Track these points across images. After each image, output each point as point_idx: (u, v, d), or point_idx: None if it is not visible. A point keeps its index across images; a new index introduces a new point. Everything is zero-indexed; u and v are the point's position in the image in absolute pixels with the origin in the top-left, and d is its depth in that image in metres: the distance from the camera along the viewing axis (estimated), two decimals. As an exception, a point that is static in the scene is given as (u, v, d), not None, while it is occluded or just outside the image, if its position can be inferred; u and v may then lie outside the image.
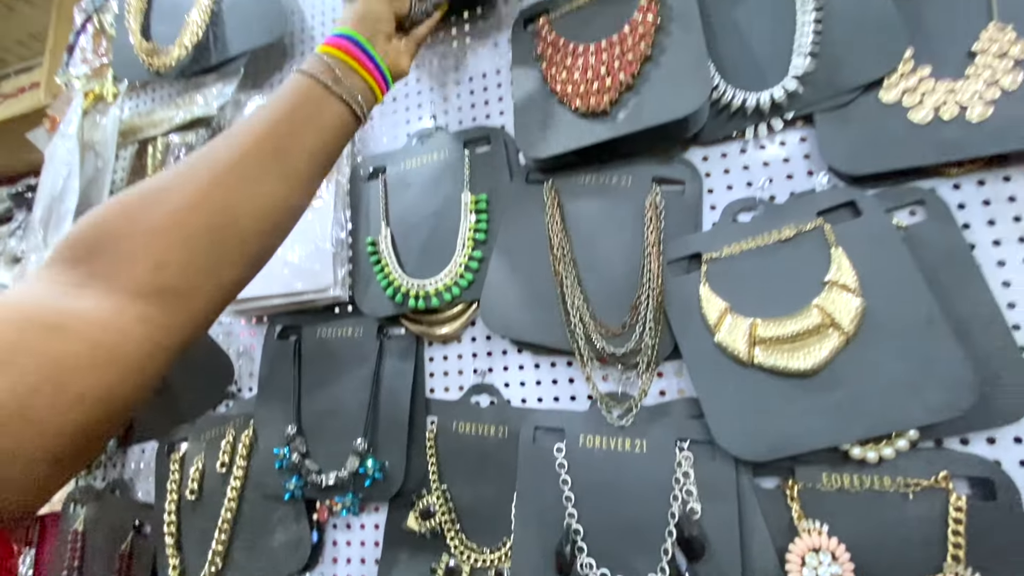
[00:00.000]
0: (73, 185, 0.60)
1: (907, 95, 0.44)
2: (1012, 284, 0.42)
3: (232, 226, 0.32)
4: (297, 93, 0.38)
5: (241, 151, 0.33)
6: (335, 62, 0.40)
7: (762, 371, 0.44)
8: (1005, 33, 0.43)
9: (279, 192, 0.34)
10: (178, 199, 0.30)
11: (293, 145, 0.36)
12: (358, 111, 0.40)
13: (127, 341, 0.27)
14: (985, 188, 0.44)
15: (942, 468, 0.40)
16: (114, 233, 0.29)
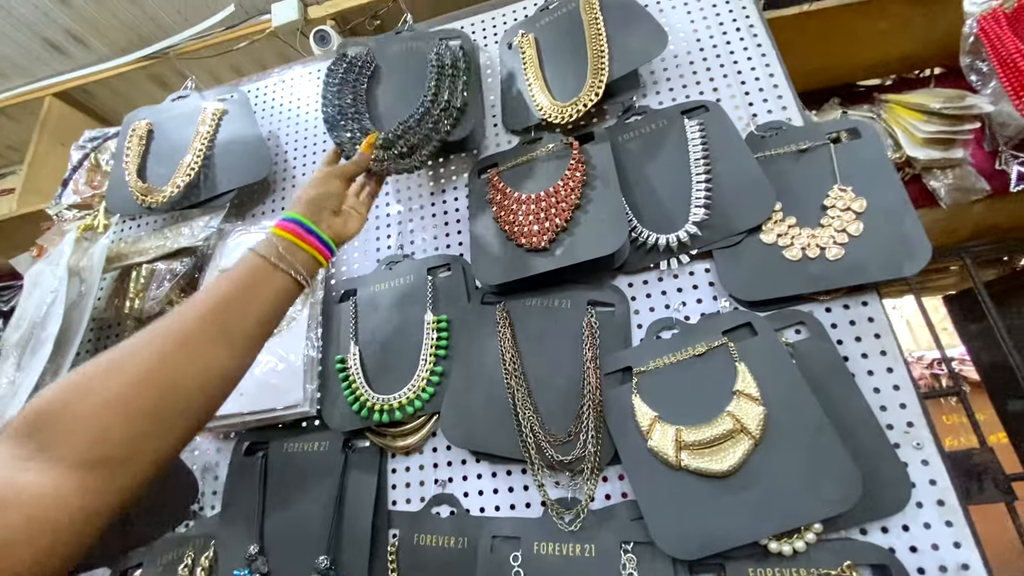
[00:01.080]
0: (57, 311, 0.64)
1: (780, 238, 0.56)
2: (881, 390, 0.51)
3: (177, 397, 0.35)
4: (245, 269, 0.44)
5: (191, 325, 0.37)
6: (281, 241, 0.47)
7: (689, 473, 0.50)
8: (847, 192, 0.56)
9: (224, 359, 0.38)
10: (127, 375, 0.33)
11: (239, 315, 0.40)
12: (300, 279, 0.46)
13: (63, 513, 0.29)
14: (849, 311, 0.54)
15: (847, 558, 0.45)
16: (63, 408, 0.31)
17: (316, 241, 0.50)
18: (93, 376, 0.33)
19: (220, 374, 0.38)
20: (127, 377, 0.33)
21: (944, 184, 1.25)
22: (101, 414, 0.31)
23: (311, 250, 0.49)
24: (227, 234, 0.76)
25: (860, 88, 1.41)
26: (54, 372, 0.64)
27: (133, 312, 0.73)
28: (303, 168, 0.82)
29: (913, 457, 0.48)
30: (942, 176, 1.25)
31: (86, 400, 0.32)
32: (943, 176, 1.25)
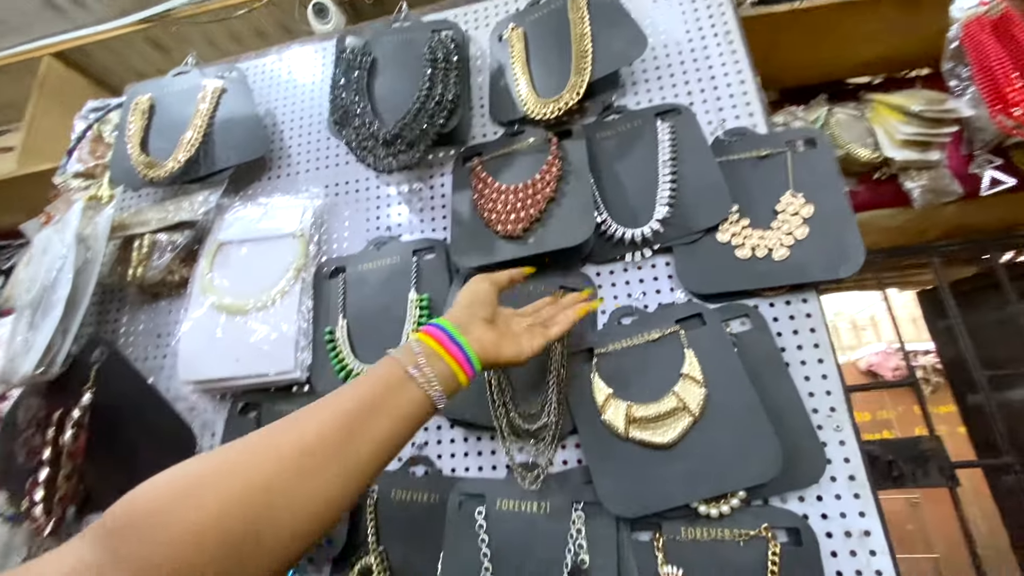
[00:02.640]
0: (67, 277, 0.69)
1: (734, 237, 0.61)
2: (811, 378, 0.57)
3: (268, 532, 0.29)
4: (376, 378, 0.39)
5: (304, 445, 0.32)
6: (421, 347, 0.41)
7: (635, 444, 0.56)
8: (797, 198, 0.61)
9: (332, 491, 0.32)
10: (219, 496, 0.28)
11: (363, 435, 0.35)
12: (434, 396, 0.40)
13: None
14: (790, 307, 0.60)
15: (765, 521, 0.52)
16: (153, 515, 0.27)
17: (458, 351, 0.43)
18: (195, 484, 0.29)
19: (327, 507, 0.32)
20: (227, 496, 0.28)
21: (919, 185, 1.29)
22: (189, 536, 0.27)
23: (452, 363, 0.42)
24: (225, 209, 0.80)
25: (849, 85, 1.45)
26: (63, 331, 0.69)
27: (135, 279, 0.78)
28: (299, 147, 0.86)
29: (832, 438, 0.55)
30: (917, 177, 1.30)
31: (176, 515, 0.27)
32: (918, 177, 1.30)
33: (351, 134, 0.75)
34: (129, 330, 0.83)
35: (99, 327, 0.84)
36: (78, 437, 0.67)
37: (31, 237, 0.79)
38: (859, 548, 0.51)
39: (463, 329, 0.45)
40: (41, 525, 0.65)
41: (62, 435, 0.67)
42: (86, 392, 0.69)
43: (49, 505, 0.65)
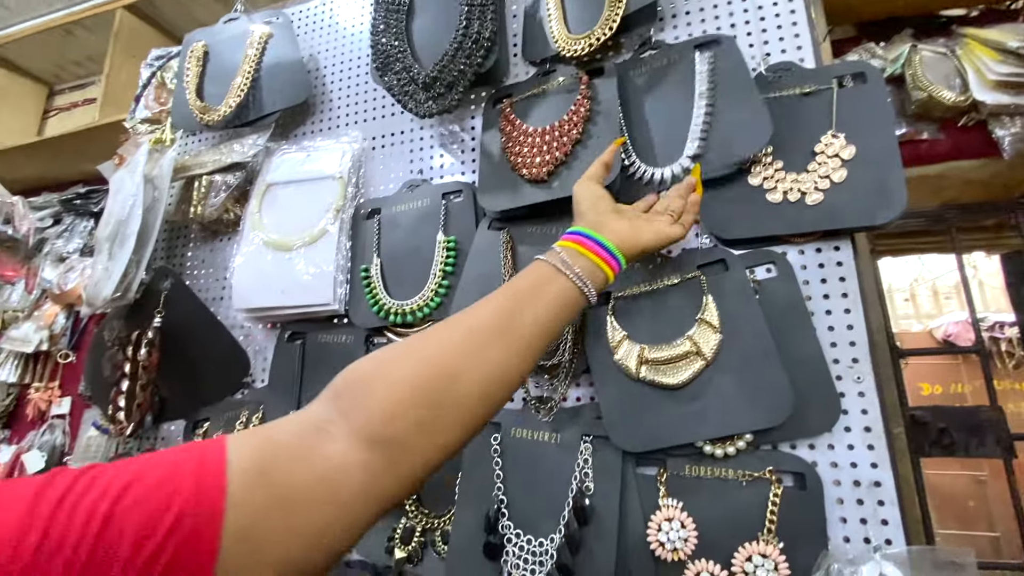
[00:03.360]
0: (137, 213, 0.77)
1: (766, 181, 0.59)
2: (835, 328, 0.55)
3: (455, 389, 0.35)
4: (528, 274, 0.44)
5: (476, 321, 0.39)
6: (564, 249, 0.46)
7: (645, 384, 0.57)
8: (838, 139, 0.57)
9: (502, 361, 0.38)
10: (417, 359, 0.35)
11: (518, 315, 0.40)
12: (583, 288, 0.44)
13: (349, 486, 0.30)
14: (820, 254, 0.58)
15: (769, 465, 0.53)
16: (364, 381, 0.34)
17: (598, 247, 0.47)
18: (393, 356, 0.36)
19: (496, 372, 0.37)
20: (418, 363, 0.35)
21: (1010, 133, 1.16)
22: (391, 394, 0.33)
23: (592, 256, 0.46)
24: (272, 152, 0.85)
25: (939, 18, 1.28)
26: (136, 262, 0.78)
27: (197, 217, 0.85)
28: (341, 91, 0.88)
29: (851, 389, 0.54)
30: (1009, 124, 1.16)
31: (382, 378, 0.34)
32: (1011, 124, 1.16)
33: (392, 80, 0.76)
34: (194, 263, 0.92)
35: (169, 260, 0.93)
36: (151, 354, 0.77)
37: (108, 177, 0.88)
38: (867, 497, 0.51)
39: (597, 228, 0.48)
40: (124, 428, 0.75)
41: (139, 352, 0.77)
42: (157, 316, 0.78)
43: (129, 412, 0.76)
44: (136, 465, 0.26)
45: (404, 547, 0.63)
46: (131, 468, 0.26)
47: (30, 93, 2.01)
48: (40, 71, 1.97)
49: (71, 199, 1.63)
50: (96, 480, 0.25)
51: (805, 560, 0.49)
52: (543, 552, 0.56)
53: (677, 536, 0.52)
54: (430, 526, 0.64)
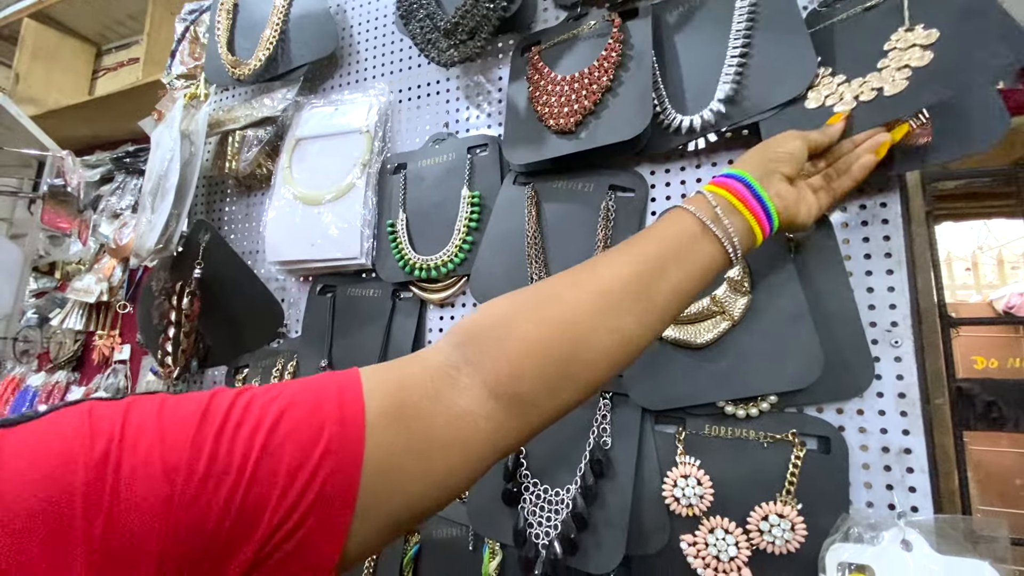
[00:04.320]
0: (175, 167, 0.79)
1: (828, 98, 0.53)
2: (875, 290, 0.53)
3: (582, 354, 0.33)
4: (674, 229, 0.38)
5: (611, 284, 0.35)
6: (718, 199, 0.39)
7: (668, 343, 0.56)
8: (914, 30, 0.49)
9: (634, 326, 0.35)
10: (549, 319, 0.33)
11: (659, 284, 0.36)
12: (731, 252, 0.39)
13: (474, 433, 0.30)
14: (865, 211, 0.54)
15: (793, 427, 0.51)
16: (491, 332, 0.33)
17: (759, 208, 0.40)
18: (522, 309, 0.34)
19: (626, 339, 0.35)
20: (548, 322, 0.33)
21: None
22: (520, 350, 0.32)
23: (750, 217, 0.40)
24: (302, 106, 0.86)
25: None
26: (177, 215, 0.81)
27: (231, 172, 0.87)
28: (368, 42, 0.87)
29: (888, 353, 0.51)
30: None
31: (512, 332, 0.33)
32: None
33: (415, 28, 0.74)
34: (232, 218, 0.95)
35: (208, 215, 0.97)
36: (193, 303, 0.81)
37: (149, 133, 0.91)
38: (895, 464, 0.50)
39: (764, 180, 0.41)
40: (171, 371, 0.81)
41: (182, 301, 0.81)
42: (197, 267, 0.82)
43: (175, 357, 0.81)
44: (284, 396, 0.28)
45: (427, 491, 0.65)
46: (281, 398, 0.27)
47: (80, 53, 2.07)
48: (87, 31, 2.02)
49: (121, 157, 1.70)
50: (250, 407, 0.26)
51: (824, 523, 0.48)
52: (559, 501, 0.57)
53: (692, 493, 0.52)
54: (452, 473, 0.66)
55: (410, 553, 0.64)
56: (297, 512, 0.25)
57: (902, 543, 0.46)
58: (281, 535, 0.24)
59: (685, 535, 0.52)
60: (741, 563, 0.50)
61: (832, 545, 0.47)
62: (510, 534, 0.58)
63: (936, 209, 0.66)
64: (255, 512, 0.24)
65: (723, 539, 0.50)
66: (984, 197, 1.63)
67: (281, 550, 0.24)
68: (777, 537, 0.49)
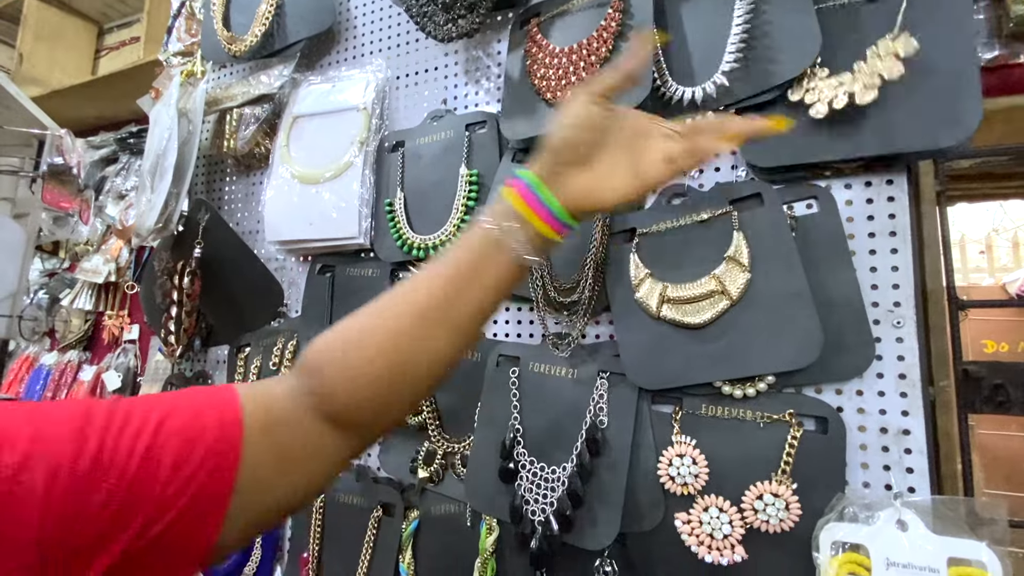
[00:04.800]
0: (173, 145, 0.79)
1: (808, 93, 0.52)
2: (878, 269, 0.51)
3: (407, 378, 0.38)
4: (471, 244, 0.40)
5: (419, 310, 0.38)
6: (513, 212, 0.39)
7: (666, 323, 0.56)
8: (900, 37, 0.48)
9: (445, 347, 0.38)
10: (372, 351, 0.36)
11: (461, 301, 0.38)
12: (525, 259, 0.40)
13: (325, 450, 0.36)
14: (871, 189, 0.52)
15: (791, 407, 0.51)
16: (332, 363, 0.36)
17: (544, 211, 0.39)
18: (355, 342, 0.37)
19: (441, 358, 0.39)
20: (375, 349, 0.36)
21: None
22: (357, 385, 0.36)
23: (539, 224, 0.39)
24: (299, 83, 0.84)
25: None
26: (176, 194, 0.81)
27: (230, 151, 0.87)
28: (365, 16, 0.85)
29: (889, 334, 0.50)
30: None
31: (347, 366, 0.36)
32: None
33: (412, 1, 0.73)
34: (231, 197, 0.94)
35: (208, 195, 0.97)
36: (194, 283, 0.82)
37: (147, 112, 0.90)
38: (893, 445, 0.49)
39: (549, 181, 0.40)
40: (174, 350, 0.82)
41: (183, 281, 0.82)
42: (196, 247, 0.82)
43: (178, 335, 0.82)
44: (165, 403, 0.31)
45: (426, 468, 0.66)
46: (162, 406, 0.31)
47: (82, 32, 2.05)
48: (88, 9, 2.00)
49: (125, 138, 1.70)
50: (131, 415, 0.29)
51: (819, 502, 0.48)
52: (555, 479, 0.57)
53: (688, 471, 0.52)
54: (450, 450, 0.67)
55: (409, 529, 0.65)
56: (176, 505, 0.28)
57: (897, 523, 0.46)
58: (160, 526, 0.27)
59: (680, 513, 0.52)
60: (735, 541, 0.50)
61: (826, 524, 0.47)
62: (507, 511, 0.58)
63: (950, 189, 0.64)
64: (136, 503, 0.27)
65: (717, 517, 0.51)
66: (1000, 178, 1.58)
67: (160, 540, 0.27)
68: (771, 516, 0.49)
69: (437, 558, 0.64)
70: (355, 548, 0.67)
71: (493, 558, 0.61)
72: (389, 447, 0.71)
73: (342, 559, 0.69)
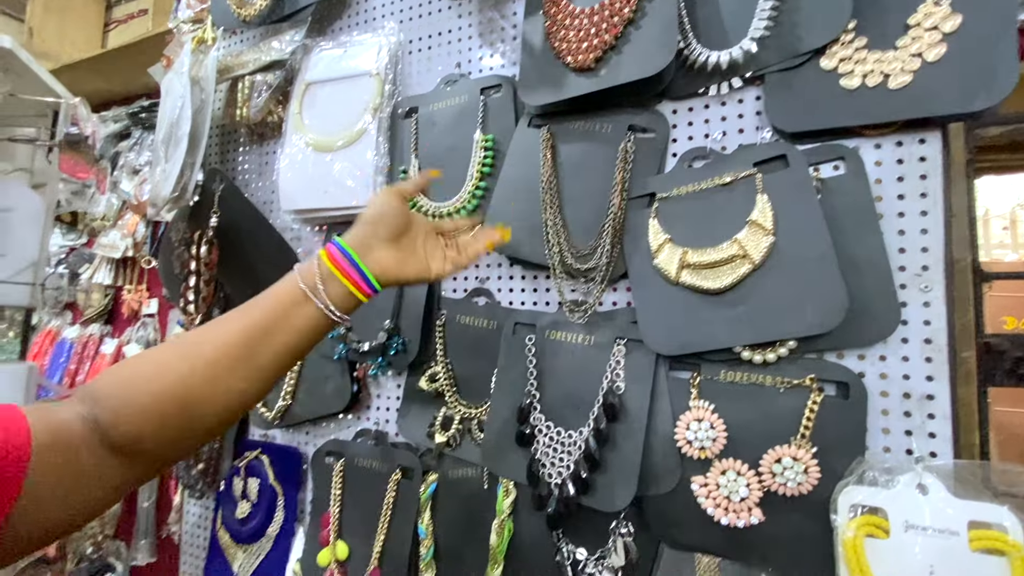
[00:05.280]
0: (187, 114, 0.78)
1: (842, 63, 0.51)
2: (906, 232, 0.50)
3: (198, 414, 0.39)
4: (280, 292, 0.43)
5: (219, 352, 0.39)
6: (322, 270, 0.44)
7: (685, 288, 0.55)
8: (941, 7, 0.48)
9: (242, 389, 0.40)
10: (162, 384, 0.38)
11: (264, 346, 0.41)
12: (332, 316, 0.44)
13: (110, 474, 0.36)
14: (901, 148, 0.51)
15: (812, 373, 0.51)
16: (118, 396, 0.37)
17: (356, 274, 0.45)
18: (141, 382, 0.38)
19: (237, 396, 0.40)
20: (163, 394, 0.38)
21: None
22: (141, 420, 0.37)
23: (349, 284, 0.45)
24: (311, 49, 0.83)
25: None
26: (191, 164, 0.81)
27: (243, 119, 0.86)
28: (375, -20, 0.83)
29: (916, 298, 0.49)
30: None
31: (133, 403, 0.37)
32: None
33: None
34: (246, 167, 0.94)
35: (222, 164, 0.96)
36: (211, 251, 0.82)
37: (158, 81, 0.89)
38: (916, 410, 0.49)
39: (363, 251, 0.47)
40: (193, 319, 0.83)
41: (200, 250, 0.82)
42: (213, 216, 0.82)
43: (197, 304, 0.83)
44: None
45: (444, 433, 0.67)
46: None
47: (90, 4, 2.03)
48: (95, -20, 1.98)
49: (136, 112, 1.70)
50: None
51: (838, 466, 0.48)
52: (571, 443, 0.58)
53: (705, 436, 0.52)
54: (467, 415, 0.67)
55: (427, 491, 0.66)
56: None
57: (918, 487, 0.46)
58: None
59: (696, 476, 0.53)
60: (752, 504, 0.50)
61: (846, 488, 0.47)
62: (523, 473, 0.59)
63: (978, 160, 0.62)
64: None
65: (735, 480, 0.51)
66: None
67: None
68: (790, 479, 0.49)
69: (455, 519, 0.66)
70: (375, 509, 0.69)
71: (511, 519, 0.62)
72: (407, 413, 0.72)
73: (363, 519, 0.71)
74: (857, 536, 0.45)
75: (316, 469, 0.76)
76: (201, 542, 0.92)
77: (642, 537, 0.57)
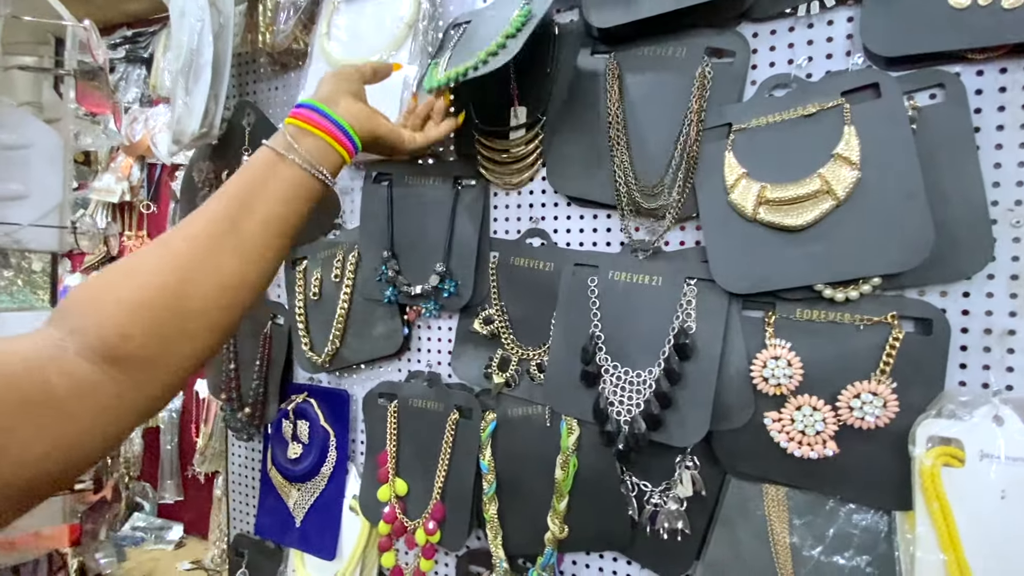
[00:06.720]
0: (208, 39, 0.72)
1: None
2: (1003, 165, 0.48)
3: (187, 304, 0.35)
4: (252, 163, 0.40)
5: (198, 230, 0.36)
6: (291, 129, 0.42)
7: (762, 226, 0.54)
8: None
9: (232, 266, 0.37)
10: (143, 277, 0.34)
11: (245, 216, 0.38)
12: (313, 172, 0.41)
13: (99, 398, 0.30)
14: (1005, 76, 0.48)
15: (893, 310, 0.50)
16: (92, 298, 0.33)
17: (330, 125, 0.43)
18: (116, 276, 0.34)
19: (233, 282, 0.37)
20: (144, 282, 0.34)
21: None
22: (121, 312, 0.32)
23: (323, 135, 0.43)
24: (337, -34, 0.75)
25: None
26: (215, 96, 0.75)
27: (266, 46, 0.80)
28: None
29: (1007, 234, 0.48)
30: None
31: (110, 297, 0.33)
32: None
33: None
34: (267, 100, 0.88)
35: (240, 97, 0.90)
36: (245, 192, 0.78)
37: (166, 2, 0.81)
38: (996, 345, 0.49)
39: (330, 103, 0.45)
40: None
41: (232, 190, 0.78)
42: (244, 153, 0.78)
43: (234, 246, 0.80)
44: None
45: (501, 374, 0.67)
46: None
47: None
48: None
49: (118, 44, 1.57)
50: None
51: (917, 401, 0.49)
52: (641, 382, 0.58)
53: (782, 373, 0.53)
54: (525, 356, 0.67)
55: (488, 430, 0.67)
56: None
57: (994, 418, 0.47)
58: None
59: (770, 412, 0.54)
60: (827, 437, 0.51)
61: (925, 420, 0.48)
62: (589, 411, 0.60)
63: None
64: None
65: (811, 415, 0.52)
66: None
67: None
68: (868, 414, 0.50)
69: (517, 455, 0.67)
70: (433, 448, 0.70)
71: (575, 455, 0.63)
72: (460, 355, 0.72)
73: (419, 457, 0.72)
74: (935, 465, 0.47)
75: (369, 410, 0.76)
76: (249, 481, 0.94)
77: (707, 469, 0.58)
